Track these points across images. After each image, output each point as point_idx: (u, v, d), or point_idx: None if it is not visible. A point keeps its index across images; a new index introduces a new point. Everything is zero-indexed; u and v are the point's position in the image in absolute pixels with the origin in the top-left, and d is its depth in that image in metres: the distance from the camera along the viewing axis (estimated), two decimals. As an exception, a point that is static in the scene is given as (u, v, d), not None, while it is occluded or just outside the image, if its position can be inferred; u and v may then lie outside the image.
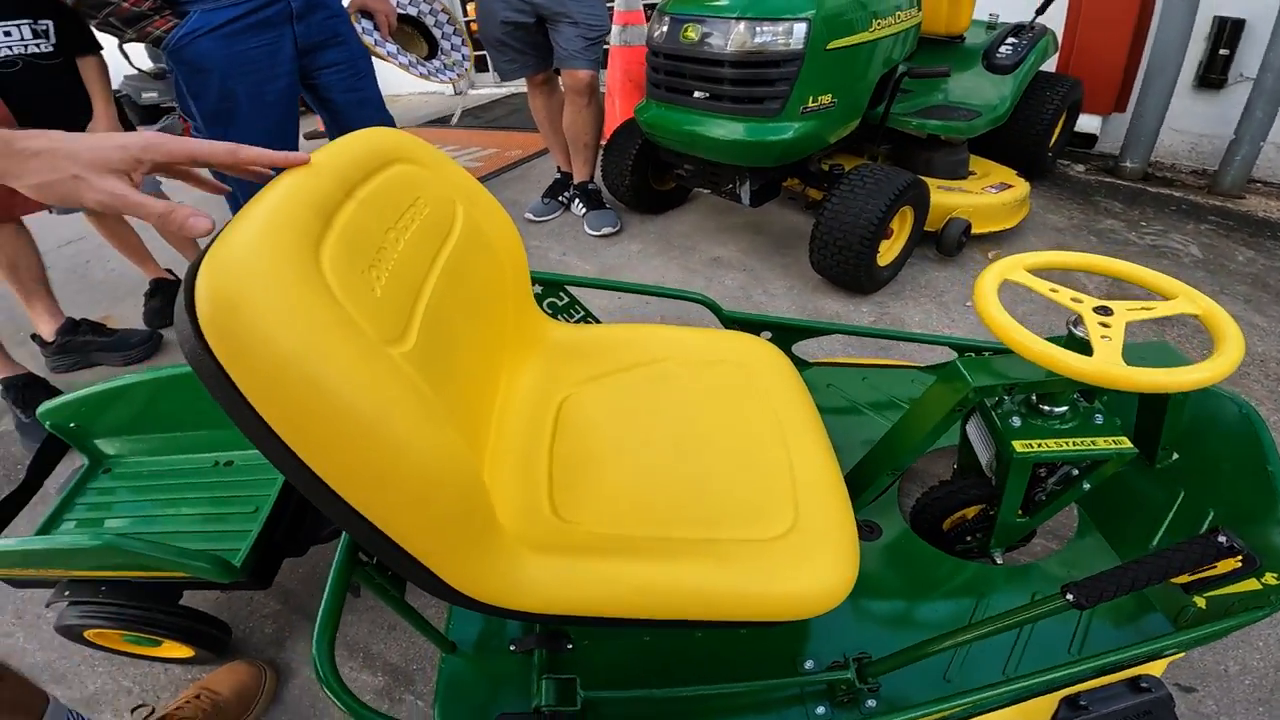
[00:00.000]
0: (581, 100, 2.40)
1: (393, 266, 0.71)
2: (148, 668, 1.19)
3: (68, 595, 1.06)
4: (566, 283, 1.21)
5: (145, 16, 1.81)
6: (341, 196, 0.68)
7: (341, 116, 2.19)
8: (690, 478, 0.84)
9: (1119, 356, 0.71)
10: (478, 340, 0.89)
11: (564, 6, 2.25)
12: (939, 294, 2.02)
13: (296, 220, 0.59)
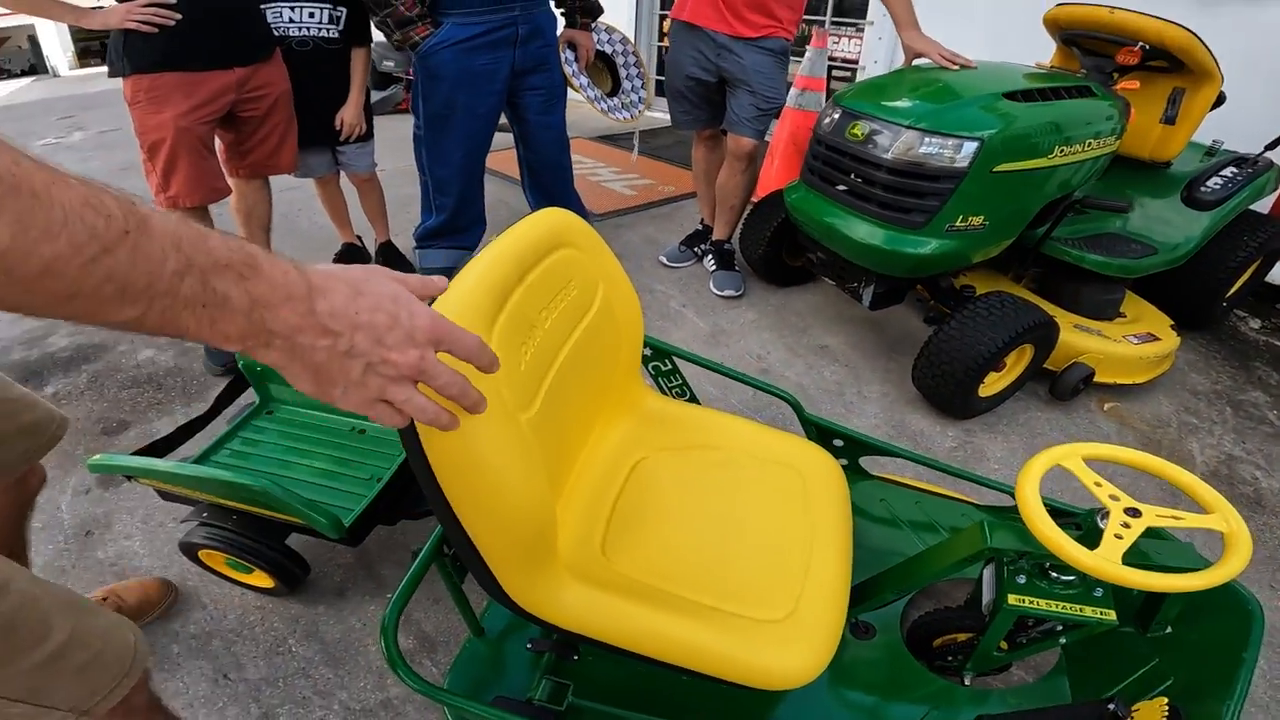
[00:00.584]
0: (740, 165, 2.53)
1: (538, 341, 0.91)
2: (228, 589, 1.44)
3: (205, 517, 1.32)
4: (672, 353, 1.37)
5: (412, 22, 2.17)
6: (515, 281, 0.88)
7: (529, 136, 2.55)
8: (719, 553, 0.99)
9: (1118, 556, 0.81)
10: (584, 400, 1.07)
11: (745, 74, 2.38)
12: (1032, 434, 1.99)
13: (481, 305, 0.80)
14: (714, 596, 0.93)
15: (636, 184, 3.80)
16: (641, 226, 3.20)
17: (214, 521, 1.31)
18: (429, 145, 2.39)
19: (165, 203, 1.95)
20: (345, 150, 2.46)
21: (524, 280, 0.90)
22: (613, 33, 3.30)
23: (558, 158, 2.61)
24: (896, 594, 1.07)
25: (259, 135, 2.12)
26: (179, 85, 1.89)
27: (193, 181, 1.96)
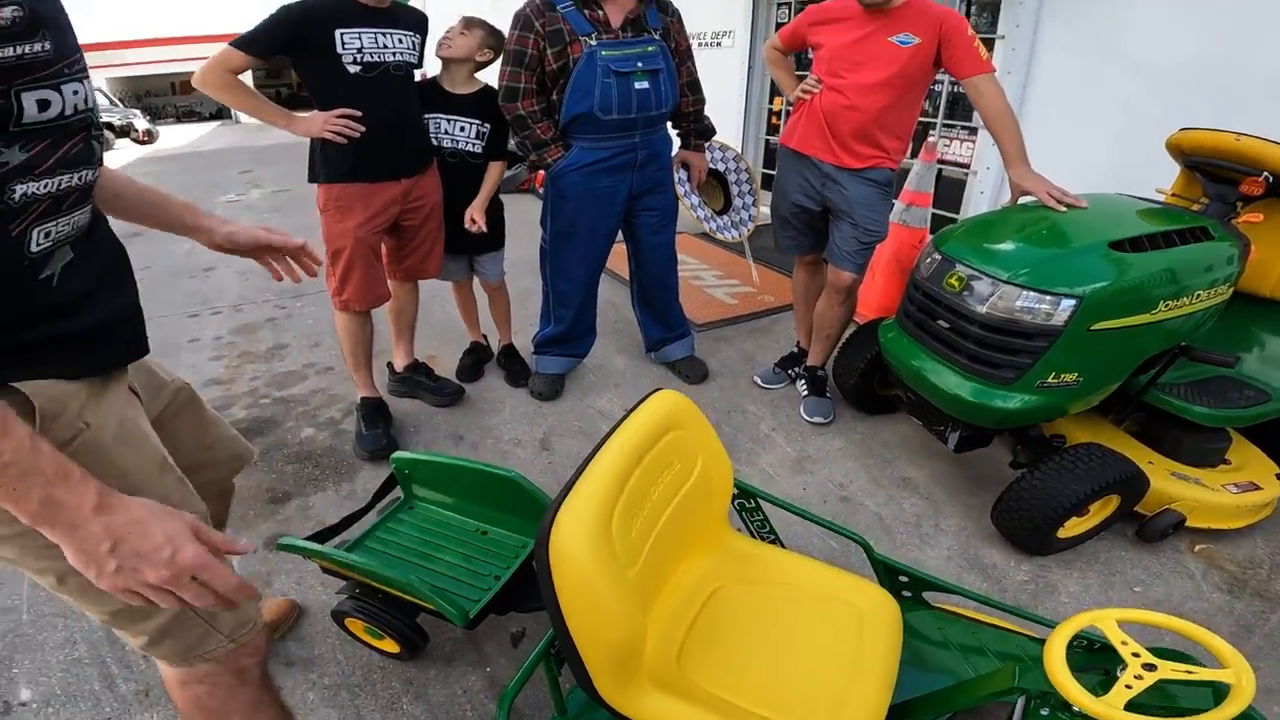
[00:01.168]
0: (838, 297, 2.60)
1: (647, 512, 1.18)
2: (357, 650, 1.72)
3: (355, 592, 1.61)
4: (756, 495, 1.59)
5: (546, 145, 2.48)
6: (634, 466, 1.15)
7: (641, 254, 2.80)
8: (777, 673, 1.19)
9: (1121, 703, 0.96)
10: (678, 544, 1.31)
11: (849, 206, 2.46)
12: (1110, 572, 2.00)
13: (608, 493, 1.08)
14: (769, 709, 1.12)
15: (738, 291, 4.02)
16: (740, 341, 3.40)
17: (362, 597, 1.60)
18: (553, 260, 2.70)
19: (339, 305, 2.35)
20: (479, 259, 2.78)
21: (641, 462, 1.17)
22: (726, 150, 3.54)
23: (665, 275, 2.85)
24: (932, 717, 1.22)
25: (415, 242, 2.48)
26: (359, 195, 2.24)
27: (363, 289, 2.33)
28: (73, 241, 0.95)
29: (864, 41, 2.36)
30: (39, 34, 0.87)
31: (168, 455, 1.06)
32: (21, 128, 0.88)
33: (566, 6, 2.39)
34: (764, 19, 5.66)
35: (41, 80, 0.89)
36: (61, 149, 0.93)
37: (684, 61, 2.64)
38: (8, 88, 0.86)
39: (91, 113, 0.97)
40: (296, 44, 2.09)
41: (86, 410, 0.93)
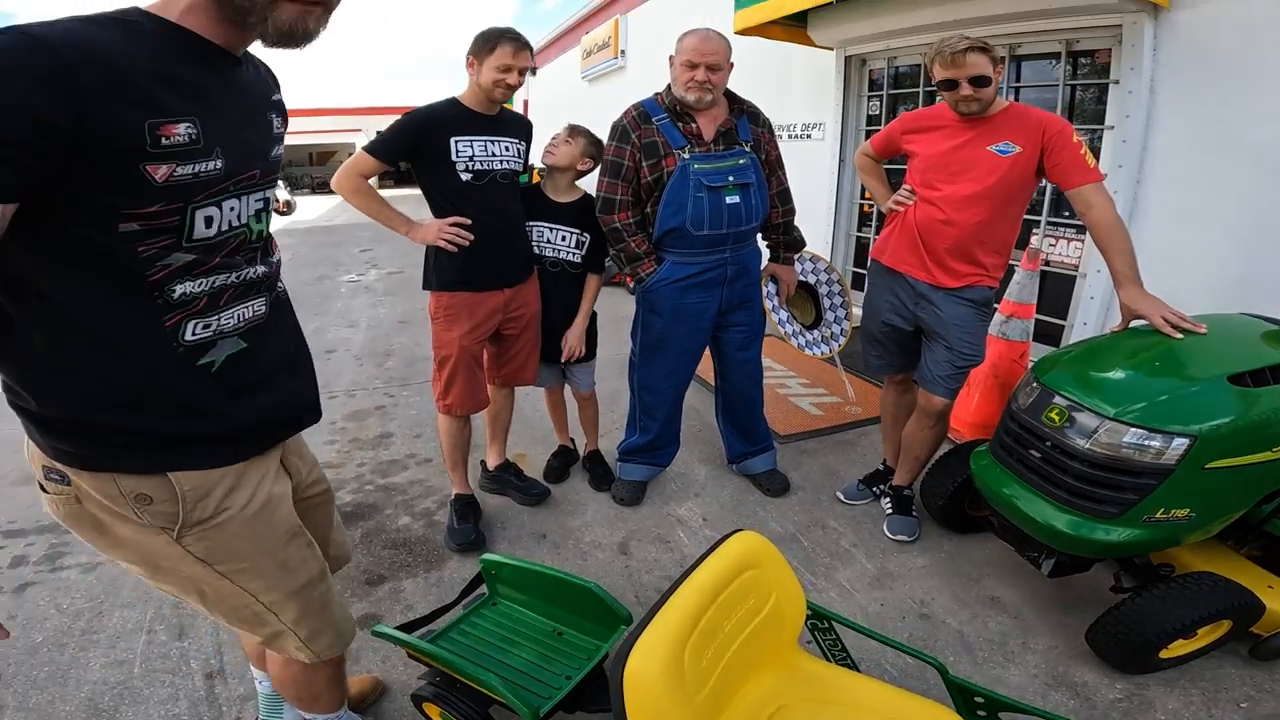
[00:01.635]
0: (928, 420, 2.54)
1: (718, 644, 1.27)
2: None
3: (436, 681, 1.72)
4: (830, 618, 1.62)
5: (640, 258, 2.56)
6: (709, 604, 1.25)
7: (727, 369, 2.83)
8: None
9: None
10: (746, 666, 1.37)
11: (944, 328, 2.38)
12: (1217, 688, 1.85)
13: (681, 630, 1.19)
14: None
15: (824, 401, 4.03)
16: (824, 454, 3.40)
17: (441, 685, 1.70)
18: (641, 372, 2.77)
19: (442, 408, 2.54)
20: (572, 369, 2.89)
21: (715, 600, 1.27)
22: (818, 261, 3.48)
23: (750, 391, 2.88)
24: None
25: (513, 351, 2.62)
26: (467, 304, 2.38)
27: (466, 396, 2.49)
28: (243, 332, 1.09)
29: (960, 150, 2.28)
30: (214, 152, 0.99)
31: (301, 525, 1.22)
32: (192, 243, 0.99)
33: (662, 119, 2.48)
34: (855, 111, 5.79)
35: (212, 197, 1.01)
36: (221, 254, 1.04)
37: (774, 172, 2.68)
38: (185, 204, 0.97)
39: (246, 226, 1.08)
40: (417, 150, 2.28)
41: (230, 495, 1.07)
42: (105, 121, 0.86)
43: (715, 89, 2.44)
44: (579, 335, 2.75)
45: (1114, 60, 3.79)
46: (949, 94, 2.24)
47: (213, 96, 1.01)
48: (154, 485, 1.00)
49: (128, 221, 0.92)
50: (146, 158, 0.91)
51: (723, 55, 2.44)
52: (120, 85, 0.88)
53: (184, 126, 0.95)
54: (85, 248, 0.91)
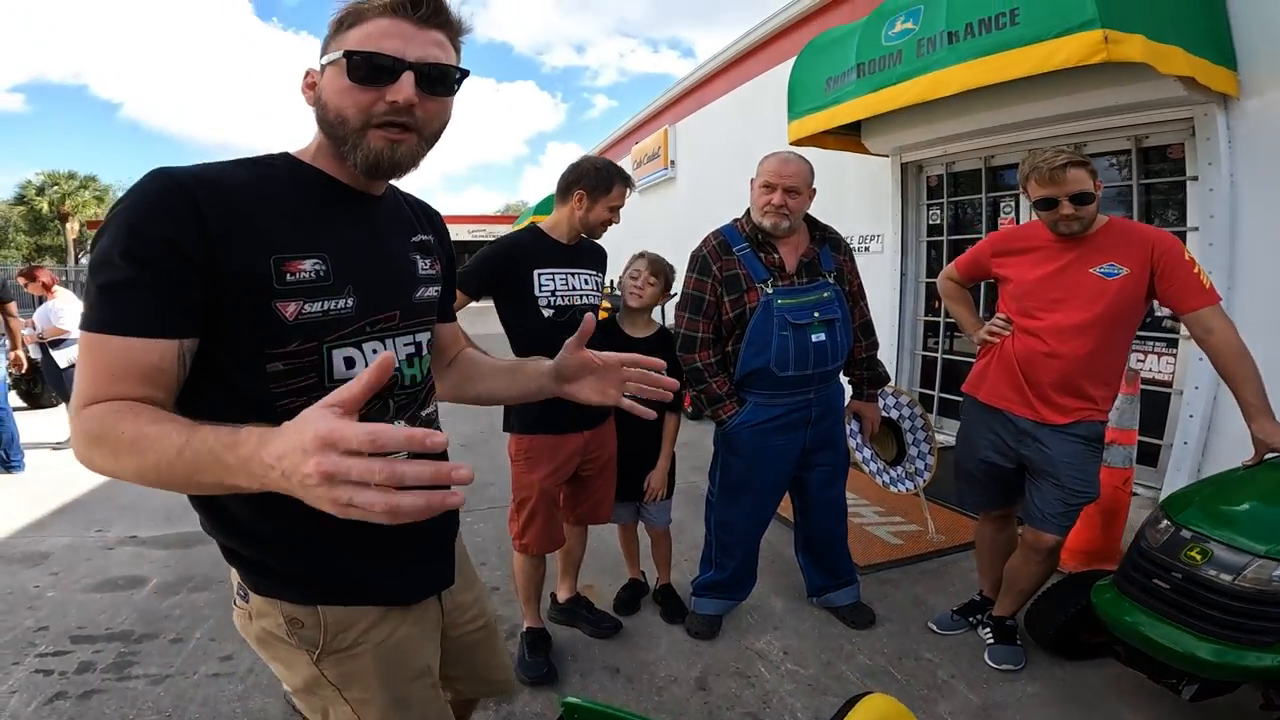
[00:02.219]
0: (1037, 556, 2.42)
1: None
2: None
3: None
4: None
5: (721, 400, 2.53)
6: None
7: (809, 507, 2.77)
8: None
9: None
10: None
11: (1052, 466, 2.26)
12: None
13: None
14: None
15: (901, 529, 3.96)
16: (909, 585, 3.32)
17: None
18: (719, 512, 2.74)
19: (519, 547, 2.59)
20: (648, 506, 2.92)
21: None
22: (899, 395, 3.51)
23: (833, 528, 2.85)
24: None
25: (589, 491, 2.65)
26: (547, 447, 2.41)
27: (543, 536, 2.53)
28: None
29: (1061, 275, 2.18)
30: (345, 289, 1.02)
31: (431, 666, 1.23)
32: (334, 383, 0.99)
33: (743, 248, 2.45)
34: (914, 221, 5.84)
35: (348, 338, 1.03)
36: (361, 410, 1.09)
37: (856, 302, 2.64)
38: (319, 344, 1.00)
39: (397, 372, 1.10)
40: (500, 283, 2.31)
41: (369, 632, 1.12)
42: (233, 255, 0.93)
43: (793, 215, 2.44)
44: (662, 477, 2.79)
45: (1188, 155, 3.81)
46: (1047, 213, 2.20)
47: (344, 235, 1.06)
48: (306, 613, 1.08)
49: (273, 361, 0.98)
50: (275, 294, 0.96)
51: (802, 179, 2.44)
52: (246, 220, 0.95)
53: (310, 262, 0.99)
54: (243, 396, 0.98)
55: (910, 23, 4.31)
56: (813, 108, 5.20)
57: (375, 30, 0.99)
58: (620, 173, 2.42)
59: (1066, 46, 3.23)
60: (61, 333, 6.00)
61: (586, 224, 2.39)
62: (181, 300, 0.90)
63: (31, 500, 4.68)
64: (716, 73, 9.62)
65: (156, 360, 0.89)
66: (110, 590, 3.29)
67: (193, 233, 0.90)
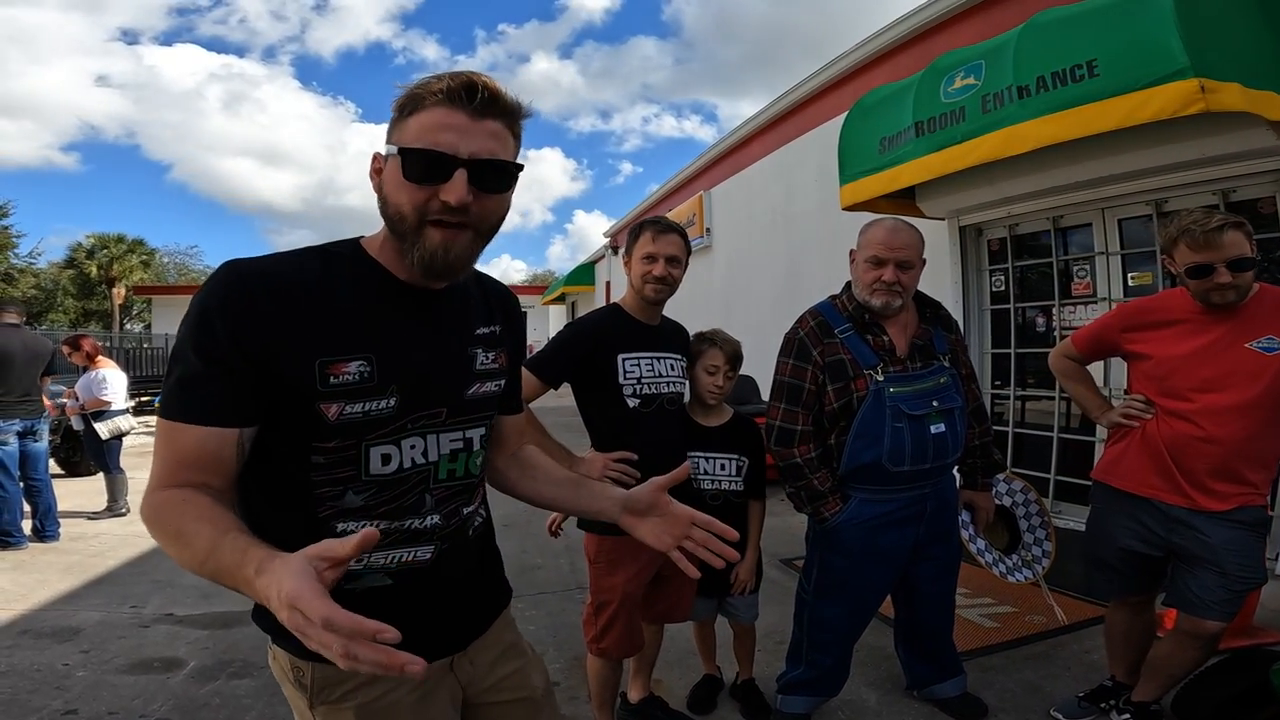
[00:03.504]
0: (1195, 643, 2.18)
1: None
2: None
3: None
4: None
5: (823, 496, 2.24)
6: None
7: (915, 600, 2.46)
8: None
9: None
10: None
11: (1214, 555, 2.06)
12: None
13: None
14: None
15: (994, 611, 3.65)
16: (1016, 670, 3.01)
17: None
18: (815, 610, 2.43)
19: (596, 651, 2.32)
20: (734, 601, 2.66)
21: None
22: (1012, 481, 3.23)
23: (939, 622, 2.57)
24: None
25: (668, 590, 2.41)
26: (630, 549, 2.15)
27: (623, 641, 2.28)
28: (394, 572, 1.12)
29: (1213, 351, 2.02)
30: (389, 390, 1.04)
31: None
32: (369, 479, 1.05)
33: (846, 330, 2.21)
34: (975, 286, 5.58)
35: (386, 436, 1.05)
36: (395, 500, 1.09)
37: (969, 385, 2.42)
38: (358, 441, 1.04)
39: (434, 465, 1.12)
40: (581, 369, 2.15)
41: (358, 693, 1.12)
42: (284, 357, 0.98)
43: (906, 292, 2.21)
44: (751, 569, 2.55)
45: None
46: (1199, 281, 2.01)
47: (394, 333, 1.07)
48: (304, 665, 1.11)
49: (315, 454, 1.03)
50: (319, 396, 1.00)
51: (915, 250, 2.21)
52: (298, 321, 0.99)
53: (355, 364, 1.02)
54: (289, 477, 1.04)
55: (972, 78, 4.20)
56: (867, 169, 5.05)
57: (431, 122, 0.99)
58: (650, 221, 2.22)
59: (1158, 98, 3.08)
60: (103, 404, 5.95)
61: (638, 287, 2.20)
62: (241, 393, 0.97)
63: (64, 570, 4.52)
64: (752, 136, 9.59)
65: (215, 448, 0.97)
66: (144, 672, 3.08)
67: (251, 332, 0.96)
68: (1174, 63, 3.03)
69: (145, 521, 0.97)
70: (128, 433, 6.25)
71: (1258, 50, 3.33)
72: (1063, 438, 4.79)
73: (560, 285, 21.74)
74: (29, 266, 30.26)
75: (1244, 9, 3.43)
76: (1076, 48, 3.49)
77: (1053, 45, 3.64)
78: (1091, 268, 4.67)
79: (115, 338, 22.13)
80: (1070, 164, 4.24)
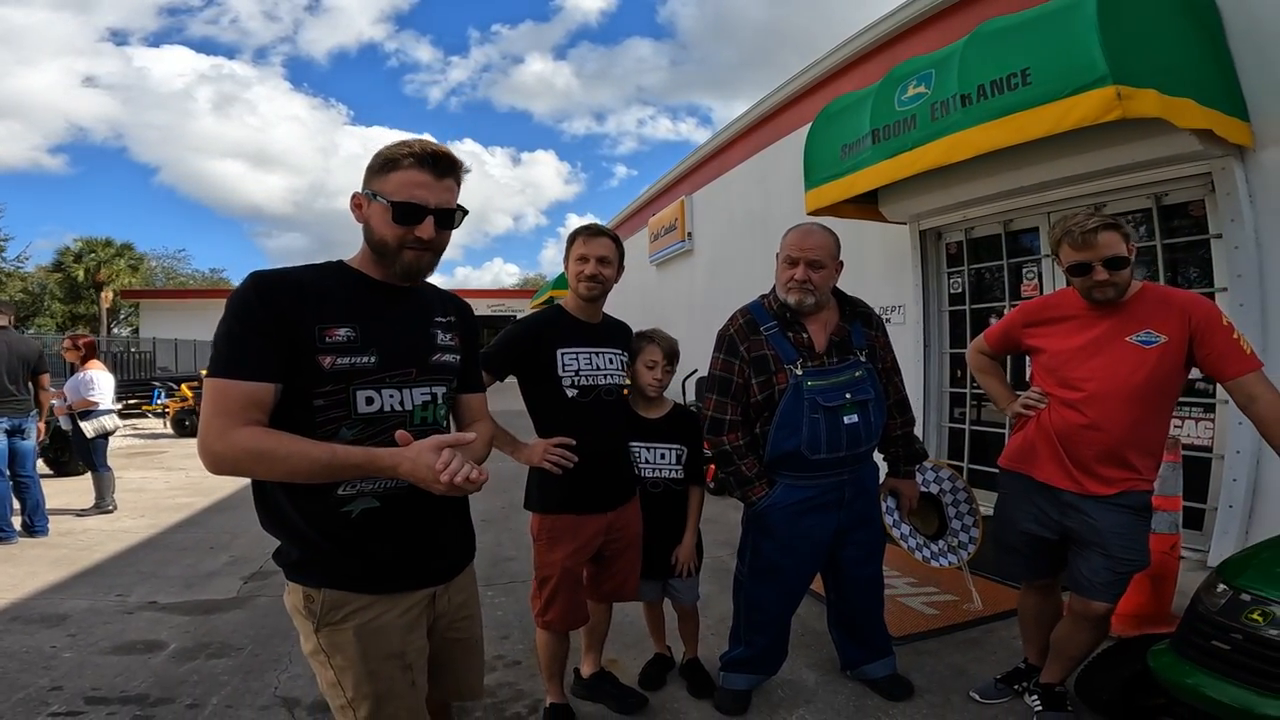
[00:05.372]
0: (1087, 624, 2.33)
1: None
2: None
3: None
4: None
5: (750, 482, 2.42)
6: None
7: (843, 585, 2.64)
8: None
9: None
10: None
11: (1099, 536, 2.19)
12: None
13: None
14: None
15: (936, 599, 3.81)
16: (946, 654, 3.18)
17: None
18: (750, 592, 2.61)
19: (541, 624, 2.51)
20: (676, 584, 2.82)
21: None
22: (939, 469, 3.38)
23: (869, 605, 2.72)
24: None
25: (614, 569, 2.56)
26: (569, 527, 2.36)
27: (565, 614, 2.45)
28: (380, 495, 1.46)
29: (1097, 344, 2.14)
30: (370, 350, 1.43)
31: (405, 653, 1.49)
32: (356, 417, 1.43)
33: (770, 327, 2.37)
34: (935, 289, 5.75)
35: (368, 383, 1.43)
36: (378, 436, 1.44)
37: (890, 379, 2.56)
38: (346, 385, 1.41)
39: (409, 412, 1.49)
40: (524, 362, 2.32)
41: (357, 614, 1.45)
42: (293, 324, 1.38)
43: (818, 290, 2.36)
44: (689, 551, 2.71)
45: (1210, 211, 3.78)
46: (1080, 279, 2.16)
47: (374, 314, 1.48)
48: (314, 593, 1.45)
49: (316, 399, 1.40)
50: (317, 351, 1.39)
51: (826, 251, 2.36)
52: (302, 301, 1.40)
53: (343, 330, 1.42)
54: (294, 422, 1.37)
55: (923, 86, 4.37)
56: (829, 176, 5.24)
57: (407, 180, 1.43)
58: (582, 227, 2.39)
59: (1081, 105, 3.26)
60: (90, 404, 6.13)
61: (574, 286, 2.37)
62: (274, 358, 1.35)
63: (53, 564, 4.67)
64: (733, 140, 9.79)
65: (261, 397, 1.34)
66: (127, 653, 3.25)
67: (284, 312, 1.37)
68: (1094, 70, 3.20)
69: (244, 455, 1.28)
70: (113, 432, 6.42)
71: (1182, 56, 3.48)
72: (1015, 432, 4.98)
73: (549, 289, 21.81)
74: (16, 270, 30.05)
75: (1169, 16, 3.58)
76: (1013, 57, 3.68)
77: (992, 54, 3.83)
78: (1039, 270, 4.89)
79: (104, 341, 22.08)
80: (1015, 169, 4.44)
